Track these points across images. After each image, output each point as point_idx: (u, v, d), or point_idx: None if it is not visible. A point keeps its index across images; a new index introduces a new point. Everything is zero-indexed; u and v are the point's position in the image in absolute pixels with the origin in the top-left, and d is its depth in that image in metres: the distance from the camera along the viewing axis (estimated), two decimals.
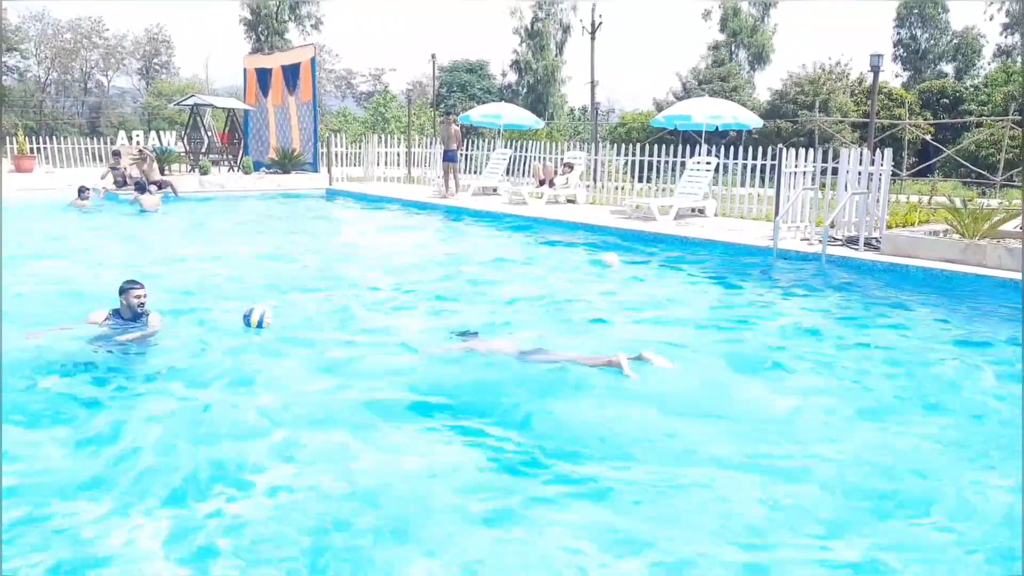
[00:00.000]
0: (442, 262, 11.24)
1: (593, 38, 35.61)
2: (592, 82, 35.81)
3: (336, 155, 23.40)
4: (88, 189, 15.34)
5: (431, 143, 24.73)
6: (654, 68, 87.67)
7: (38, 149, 25.01)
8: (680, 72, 46.18)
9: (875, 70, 16.06)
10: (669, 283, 9.57)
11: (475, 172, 21.72)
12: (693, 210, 14.87)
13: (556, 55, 45.98)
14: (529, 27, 45.60)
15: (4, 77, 35.08)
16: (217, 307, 7.32)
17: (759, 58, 47.06)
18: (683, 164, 16.03)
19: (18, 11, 49.04)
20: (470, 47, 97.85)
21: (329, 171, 22.50)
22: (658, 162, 17.02)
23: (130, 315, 6.12)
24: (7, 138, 25.41)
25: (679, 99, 36.02)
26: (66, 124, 43.81)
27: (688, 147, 16.33)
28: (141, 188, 16.04)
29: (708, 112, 15.89)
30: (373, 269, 10.25)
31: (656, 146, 17.19)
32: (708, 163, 14.96)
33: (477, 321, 7.08)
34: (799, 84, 40.47)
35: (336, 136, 24.44)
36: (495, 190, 18.99)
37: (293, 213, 17.23)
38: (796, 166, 12.22)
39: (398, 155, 24.52)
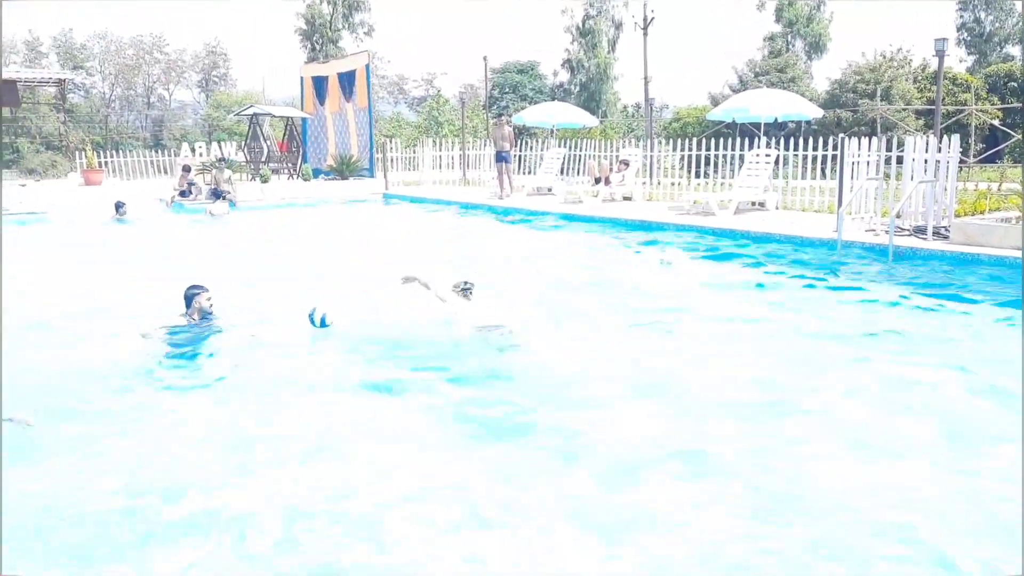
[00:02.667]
0: (498, 261, 11.26)
1: (646, 34, 35.34)
2: (645, 78, 35.52)
3: (391, 160, 23.66)
4: (124, 204, 15.67)
5: (484, 145, 24.83)
6: (708, 62, 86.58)
7: (105, 163, 25.82)
8: (736, 65, 45.49)
9: (940, 55, 15.59)
10: (731, 278, 9.41)
11: (529, 172, 21.72)
12: (753, 204, 14.62)
13: (608, 52, 45.69)
14: (580, 25, 45.41)
15: (71, 95, 36.41)
16: (286, 307, 7.43)
17: (816, 47, 46.05)
18: (741, 157, 15.79)
19: (83, 30, 50.81)
20: (521, 48, 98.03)
21: (385, 176, 22.72)
22: (715, 156, 16.79)
23: (200, 317, 6.35)
24: (76, 152, 26.32)
25: (735, 92, 35.45)
26: (130, 138, 45.15)
27: (746, 140, 16.09)
28: (217, 195, 16.49)
29: (766, 103, 15.59)
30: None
31: (713, 140, 16.97)
32: (767, 155, 14.70)
33: (536, 319, 7.05)
34: (859, 72, 39.47)
35: (391, 141, 24.71)
36: (550, 190, 18.95)
37: (352, 218, 17.47)
38: (859, 156, 11.92)
39: (452, 158, 24.66)
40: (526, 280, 9.64)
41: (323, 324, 6.45)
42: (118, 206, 15.44)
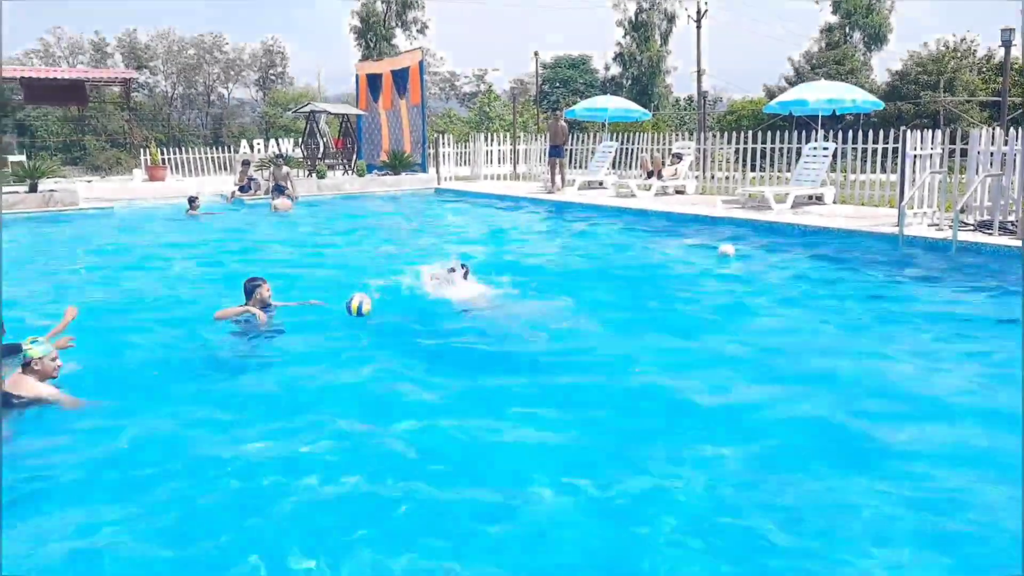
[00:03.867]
0: (548, 254, 11.29)
1: (699, 26, 34.93)
2: (699, 71, 35.13)
3: (443, 155, 23.84)
4: (196, 198, 16.07)
5: (535, 140, 24.86)
6: (763, 54, 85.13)
7: (167, 160, 26.48)
8: (792, 57, 44.67)
9: (1007, 45, 15.16)
10: (788, 273, 9.29)
11: (580, 167, 21.68)
12: (810, 197, 14.40)
13: (661, 45, 45.27)
14: (633, 18, 45.06)
15: (135, 93, 37.42)
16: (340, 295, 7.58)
17: (875, 38, 44.93)
18: (798, 151, 15.56)
19: (146, 31, 52.13)
20: (572, 42, 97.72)
21: (437, 171, 22.92)
22: (771, 149, 16.57)
23: (261, 308, 6.62)
24: (141, 149, 27.06)
25: (791, 84, 34.82)
26: (191, 135, 46.20)
27: (803, 133, 15.83)
28: (279, 190, 16.86)
29: (825, 95, 15.29)
30: (485, 260, 10.38)
31: (768, 133, 16.74)
32: (825, 148, 14.46)
33: (590, 319, 7.07)
34: (921, 64, 38.48)
35: (443, 137, 24.88)
36: (601, 184, 18.90)
37: (406, 211, 17.66)
38: (921, 149, 11.64)
39: (503, 153, 24.74)
40: (577, 273, 9.65)
41: (359, 314, 6.57)
42: (191, 200, 15.88)
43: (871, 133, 14.72)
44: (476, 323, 7.01)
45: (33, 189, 16.25)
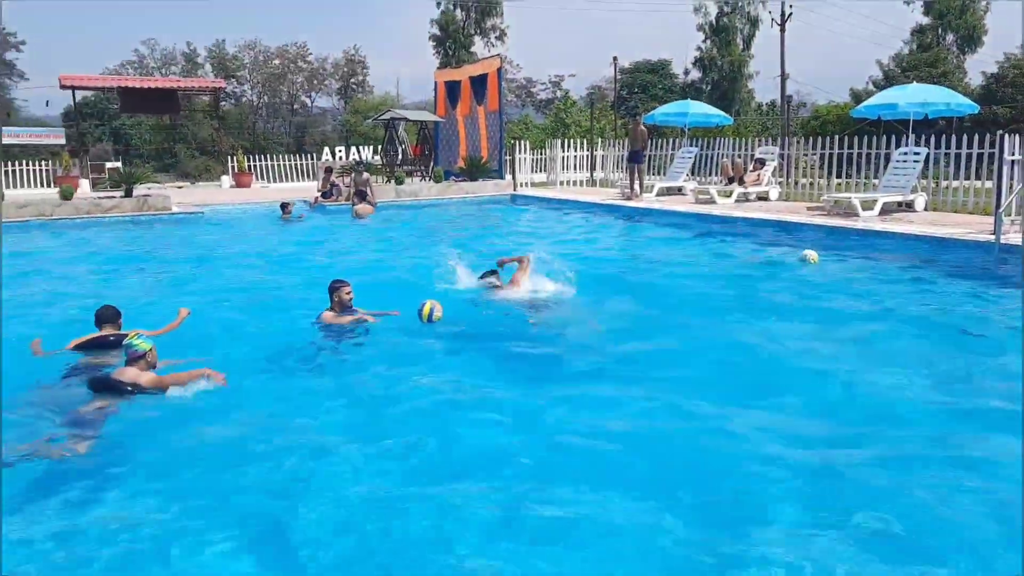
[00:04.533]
0: (624, 261, 11.18)
1: (783, 30, 34.17)
2: (783, 75, 34.37)
3: (520, 161, 23.92)
4: (289, 204, 16.55)
5: (612, 146, 24.71)
6: (850, 58, 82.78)
7: (252, 167, 27.32)
8: (881, 60, 43.31)
9: None
10: (875, 282, 8.96)
11: (659, 173, 21.44)
12: (900, 204, 13.87)
13: (743, 50, 44.47)
14: (714, 23, 44.41)
15: (223, 103, 38.73)
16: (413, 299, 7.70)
17: (969, 40, 43.20)
18: (887, 156, 15.04)
19: (234, 41, 53.99)
20: (651, 47, 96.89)
21: (514, 177, 23.00)
22: (858, 155, 16.07)
23: (341, 309, 6.79)
24: (228, 157, 28.00)
25: (880, 88, 33.75)
26: (275, 143, 47.56)
27: (892, 138, 15.30)
28: (360, 196, 17.21)
29: (917, 99, 14.71)
30: (560, 265, 10.34)
31: (855, 138, 16.24)
32: (916, 153, 13.92)
33: (666, 326, 6.96)
34: (1018, 66, 36.77)
35: (519, 143, 24.96)
36: (680, 190, 18.64)
37: (481, 217, 17.77)
38: (1019, 154, 11.08)
39: (580, 159, 24.66)
40: (654, 279, 9.52)
41: (431, 320, 6.68)
42: (283, 205, 16.33)
43: (965, 138, 14.12)
44: (547, 328, 7.04)
45: (128, 194, 16.96)
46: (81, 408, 4.73)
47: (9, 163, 26.10)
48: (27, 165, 26.19)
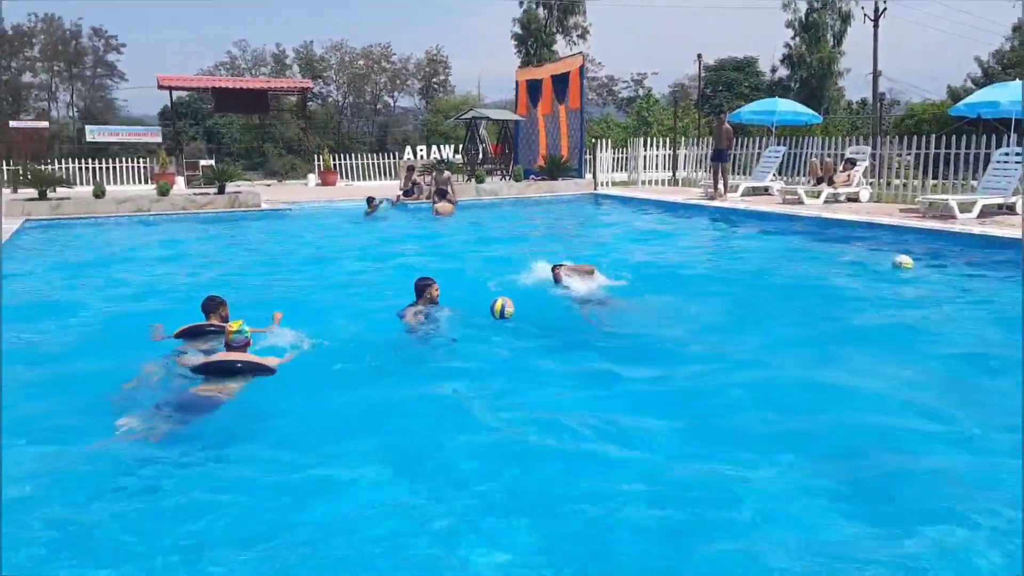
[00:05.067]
0: (706, 261, 10.98)
1: (876, 26, 33.03)
2: (875, 72, 33.24)
3: (600, 160, 23.78)
4: (374, 199, 16.86)
5: (696, 144, 24.32)
6: (947, 55, 79.39)
7: (337, 165, 27.92)
8: (980, 56, 41.35)
9: None
10: (973, 287, 8.58)
11: (744, 172, 21.00)
12: (1000, 207, 13.24)
13: (833, 46, 43.09)
14: (803, 19, 43.13)
15: (309, 103, 39.72)
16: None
17: None
18: (987, 156, 14.38)
19: (321, 43, 55.26)
20: (736, 45, 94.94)
21: (594, 176, 22.88)
22: (955, 155, 15.41)
23: (428, 305, 6.92)
24: (314, 156, 28.71)
25: (979, 86, 32.25)
26: (358, 143, 48.43)
27: (992, 138, 14.61)
28: (441, 195, 17.41)
29: (1020, 97, 14.02)
30: (634, 265, 10.26)
31: (953, 138, 15.57)
32: (1019, 154, 13.26)
33: (749, 330, 6.80)
34: None
35: (601, 142, 24.81)
36: (767, 190, 18.21)
37: (561, 216, 17.74)
38: None
39: (662, 158, 24.36)
40: (738, 281, 9.32)
41: (502, 316, 6.77)
42: (370, 201, 16.67)
43: None
44: (621, 324, 7.08)
45: (221, 191, 17.55)
46: (191, 390, 4.93)
47: (109, 160, 27.36)
48: (126, 162, 27.39)
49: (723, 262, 11.05)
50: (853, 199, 16.20)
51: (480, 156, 23.65)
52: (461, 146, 26.78)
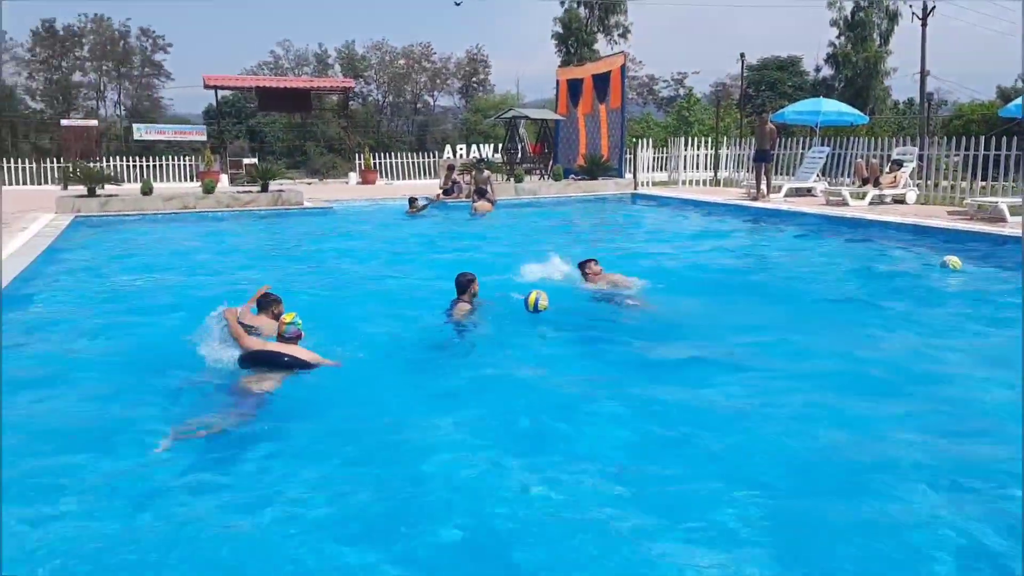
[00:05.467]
0: (748, 263, 10.86)
1: (924, 25, 32.36)
2: (923, 72, 32.56)
3: (640, 160, 23.65)
4: (416, 199, 16.97)
5: (737, 144, 24.08)
6: (997, 54, 77.59)
7: (377, 164, 28.15)
8: None
9: None
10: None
11: (787, 173, 20.74)
12: None
13: (880, 45, 42.35)
14: (849, 17, 42.47)
15: (350, 102, 40.13)
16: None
17: None
18: None
19: (362, 43, 55.74)
20: (780, 44, 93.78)
21: (635, 176, 22.76)
22: (1006, 156, 15.07)
23: (470, 300, 7.01)
24: (355, 154, 28.98)
25: None
26: (398, 142, 48.77)
27: None
28: (480, 193, 17.47)
29: None
30: (673, 265, 10.20)
31: (1003, 139, 15.22)
32: None
33: (792, 332, 6.72)
34: None
35: (641, 141, 24.68)
36: (810, 191, 17.97)
37: (599, 215, 17.68)
38: None
39: (703, 158, 24.15)
40: (779, 283, 9.21)
41: (536, 309, 6.86)
42: (411, 200, 16.79)
43: None
44: (656, 320, 7.12)
45: (264, 189, 17.78)
46: (242, 380, 5.01)
47: (155, 158, 27.92)
48: (171, 160, 27.91)
49: (765, 263, 10.93)
50: (899, 201, 15.92)
51: (519, 155, 23.67)
52: (500, 145, 26.83)
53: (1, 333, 5.44)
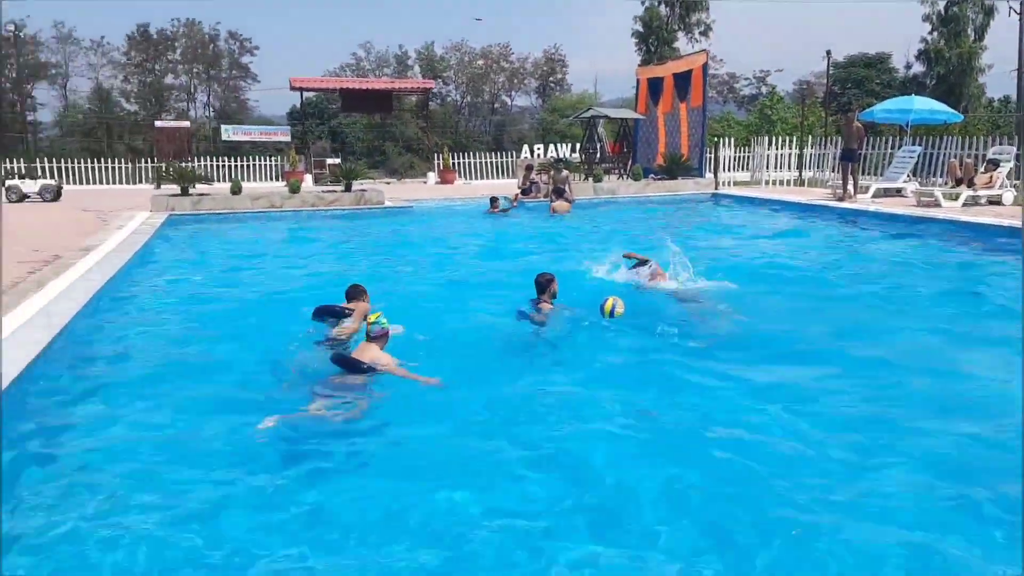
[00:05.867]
0: (832, 265, 10.56)
1: (1023, 19, 30.94)
2: (1020, 68, 31.15)
3: (722, 159, 23.28)
4: (497, 199, 17.09)
5: (822, 144, 23.46)
6: None
7: (455, 164, 28.44)
8: None
9: None
10: None
11: (875, 173, 20.10)
12: None
13: (974, 40, 40.59)
14: (943, 12, 40.81)
15: (429, 103, 40.75)
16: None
17: None
18: None
19: (441, 43, 56.37)
20: (867, 40, 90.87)
21: (715, 175, 22.42)
22: None
23: (550, 299, 7.03)
24: (433, 155, 29.34)
25: None
26: (475, 142, 49.16)
27: None
28: (559, 193, 17.49)
29: None
30: (755, 267, 10.00)
31: None
32: None
33: (883, 339, 6.52)
34: None
35: (722, 140, 24.30)
36: (899, 191, 17.37)
37: (678, 215, 17.46)
38: None
39: (787, 157, 23.61)
40: (866, 287, 8.93)
41: (612, 315, 6.77)
42: (492, 200, 16.94)
43: None
44: (737, 325, 6.99)
45: (348, 189, 18.18)
46: (331, 379, 5.13)
47: (240, 158, 28.84)
48: (257, 160, 28.78)
49: (851, 266, 10.61)
50: (995, 202, 15.26)
51: (598, 155, 23.57)
52: (578, 144, 26.78)
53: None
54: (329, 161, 26.35)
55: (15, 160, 26.18)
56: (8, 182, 19.81)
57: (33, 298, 6.93)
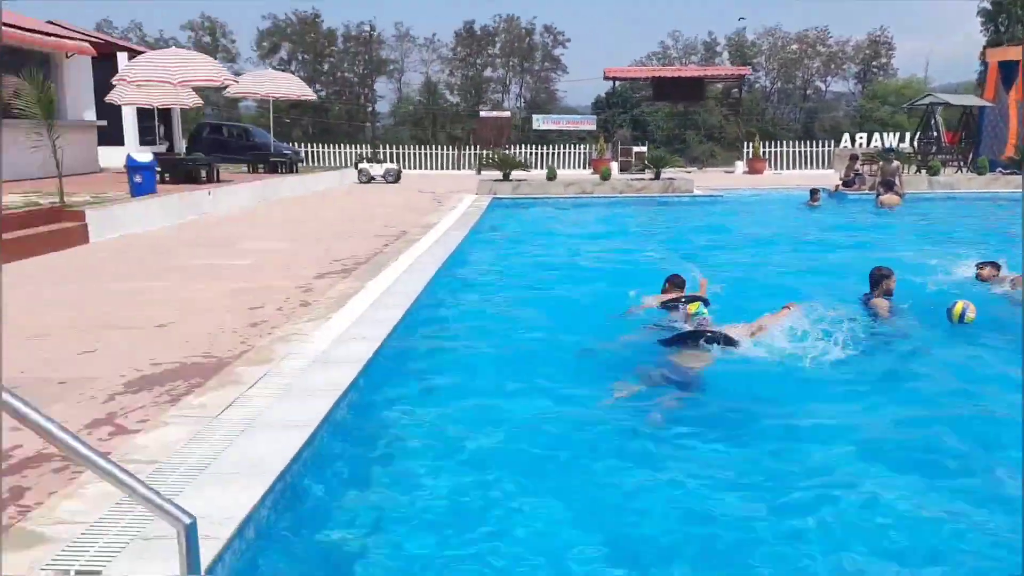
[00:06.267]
0: None
1: None
2: None
3: None
4: (818, 190, 16.09)
5: None
6: None
7: (763, 153, 27.30)
8: None
9: None
10: None
11: None
12: None
13: None
14: None
15: (734, 89, 39.39)
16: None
17: None
18: None
19: (753, 29, 54.34)
20: None
21: None
22: None
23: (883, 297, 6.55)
24: (741, 143, 28.40)
25: None
26: (784, 130, 46.83)
27: None
28: (888, 186, 16.18)
29: None
30: None
31: None
32: None
33: None
34: None
35: None
36: None
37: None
38: None
39: None
40: None
41: (962, 320, 6.15)
42: (812, 192, 16.14)
43: None
44: None
45: (657, 176, 18.20)
46: (671, 358, 5.13)
47: (548, 146, 30.04)
48: (564, 148, 29.83)
49: None
50: None
51: (935, 145, 21.35)
52: (912, 134, 24.47)
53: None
54: (635, 149, 26.57)
55: (362, 146, 29.58)
56: (360, 165, 22.54)
57: (387, 271, 7.72)
